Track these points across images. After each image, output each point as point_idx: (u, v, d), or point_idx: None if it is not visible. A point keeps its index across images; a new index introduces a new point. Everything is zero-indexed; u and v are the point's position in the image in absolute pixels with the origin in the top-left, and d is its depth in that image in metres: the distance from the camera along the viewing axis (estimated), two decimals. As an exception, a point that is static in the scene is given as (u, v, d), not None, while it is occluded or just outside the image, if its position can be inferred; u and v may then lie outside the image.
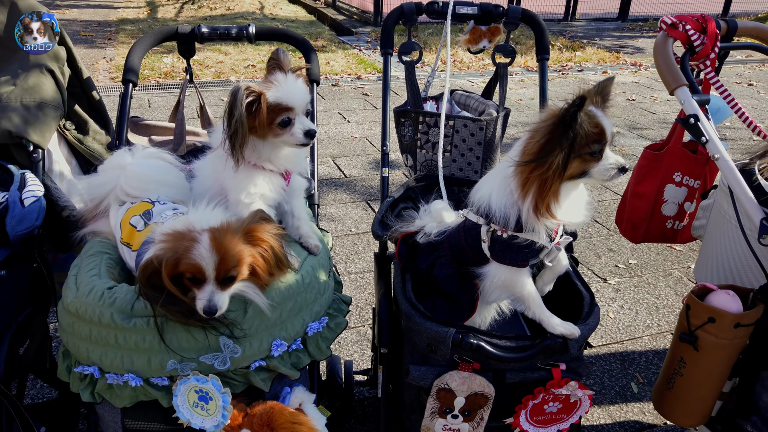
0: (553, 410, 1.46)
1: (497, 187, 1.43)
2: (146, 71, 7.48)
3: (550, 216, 1.35)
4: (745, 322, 1.43)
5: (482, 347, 1.34)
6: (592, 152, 1.34)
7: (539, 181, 1.31)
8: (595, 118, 1.35)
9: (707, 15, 1.75)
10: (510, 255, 1.40)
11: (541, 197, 1.31)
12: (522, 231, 1.37)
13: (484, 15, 2.02)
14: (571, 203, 1.40)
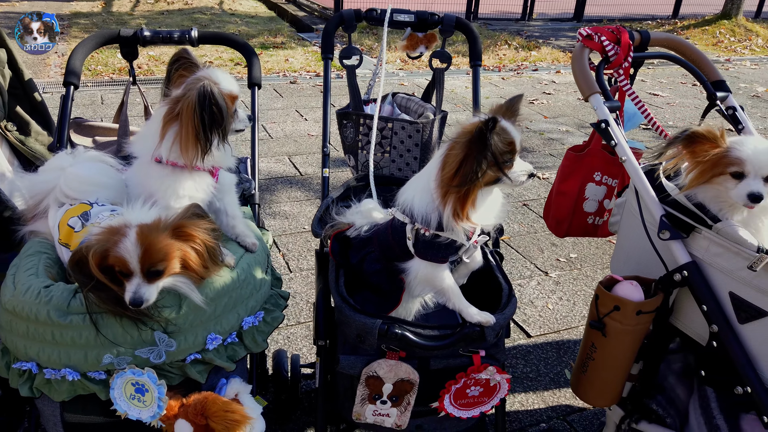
0: (475, 394, 1.57)
1: (420, 192, 1.53)
2: (99, 67, 7.36)
3: (467, 220, 1.46)
4: (646, 309, 1.57)
5: (406, 337, 1.44)
6: (504, 161, 1.46)
7: (459, 188, 1.41)
8: (506, 132, 1.46)
9: (621, 27, 1.89)
10: (432, 252, 1.51)
11: (460, 205, 1.42)
12: (443, 230, 1.48)
13: (420, 22, 2.12)
14: (487, 207, 1.52)
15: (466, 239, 1.51)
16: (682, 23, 13.09)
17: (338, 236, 1.75)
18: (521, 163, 1.46)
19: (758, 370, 1.43)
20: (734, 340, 1.45)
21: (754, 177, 1.41)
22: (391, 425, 1.57)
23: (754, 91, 8.40)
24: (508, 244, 3.86)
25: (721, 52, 11.04)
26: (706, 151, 1.47)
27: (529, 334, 2.96)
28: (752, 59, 10.63)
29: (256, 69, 2.05)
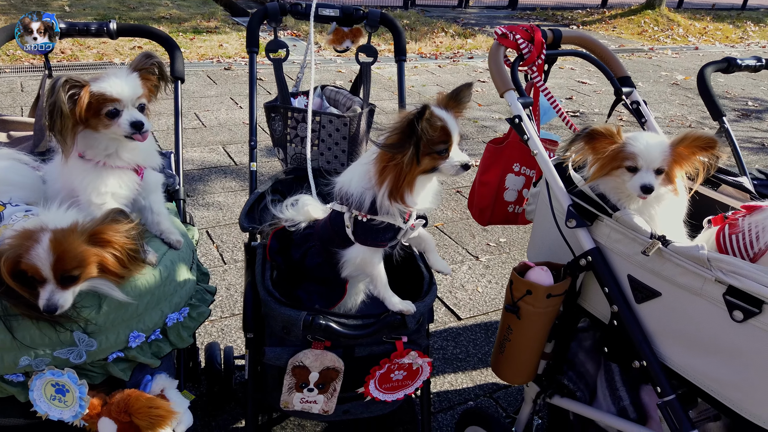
0: (399, 377, 1.65)
1: (358, 174, 1.58)
2: (18, 52, 6.96)
3: (402, 203, 1.52)
4: (555, 292, 1.69)
5: (331, 327, 1.49)
6: (439, 151, 1.52)
7: (395, 173, 1.47)
8: (442, 122, 1.52)
9: (535, 26, 1.98)
10: (371, 236, 1.56)
11: (397, 187, 1.48)
12: (377, 213, 1.53)
13: (345, 17, 2.15)
14: (424, 193, 1.58)
15: (403, 222, 1.58)
16: (610, 12, 13.61)
17: (278, 234, 1.78)
18: (458, 153, 1.52)
19: (653, 345, 1.57)
20: (632, 318, 1.59)
21: (646, 170, 1.53)
22: (318, 411, 1.62)
23: (674, 79, 8.87)
24: (442, 230, 3.97)
25: (645, 41, 11.58)
26: (605, 146, 1.58)
27: (459, 317, 3.08)
28: (674, 48, 11.20)
29: (178, 62, 2.03)
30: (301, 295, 1.70)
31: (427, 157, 1.47)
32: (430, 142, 1.49)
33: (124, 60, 7.17)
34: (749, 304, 1.34)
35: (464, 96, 1.55)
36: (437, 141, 1.50)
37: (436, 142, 1.50)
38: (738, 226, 1.51)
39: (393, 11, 11.84)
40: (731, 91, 8.30)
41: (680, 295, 1.48)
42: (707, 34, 12.80)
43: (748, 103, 7.77)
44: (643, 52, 10.65)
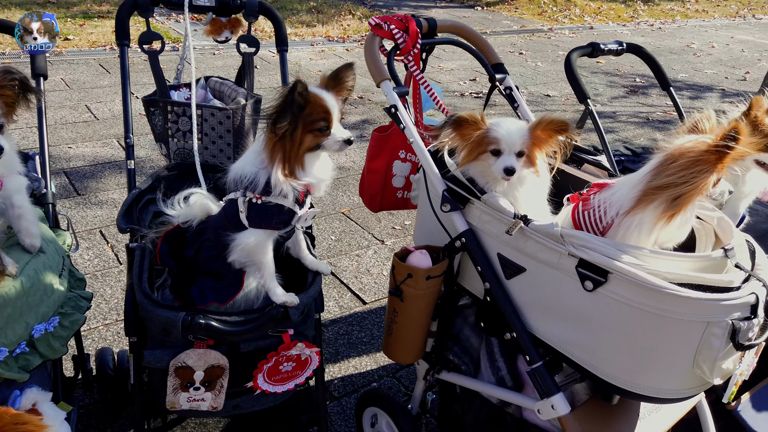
0: (289, 369, 1.68)
1: (251, 159, 1.61)
2: None
3: (295, 179, 1.56)
4: (434, 274, 1.77)
5: (211, 325, 1.49)
6: (320, 128, 1.56)
7: (283, 151, 1.50)
8: (321, 100, 1.56)
9: (409, 15, 2.03)
10: (265, 219, 1.58)
11: (287, 163, 1.51)
12: (271, 194, 1.55)
13: (221, 7, 2.11)
14: (316, 169, 1.63)
15: (298, 206, 1.59)
16: (505, -6, 14.04)
17: (168, 237, 1.75)
18: (340, 130, 1.56)
19: (522, 317, 1.69)
20: (502, 293, 1.69)
21: (509, 153, 1.62)
22: (207, 408, 1.63)
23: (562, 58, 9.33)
24: (348, 216, 4.02)
25: (545, 21, 12.06)
26: (471, 133, 1.66)
27: (365, 301, 3.15)
28: (571, 28, 11.73)
29: (39, 59, 1.92)
30: (194, 293, 1.68)
31: (310, 135, 1.53)
32: (311, 119, 1.53)
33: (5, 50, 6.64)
34: (597, 274, 1.46)
35: (344, 76, 1.61)
36: (317, 118, 1.55)
37: (317, 120, 1.55)
38: (590, 203, 1.64)
39: (300, -7, 11.63)
40: (621, 68, 8.84)
41: (541, 270, 1.59)
42: (601, 14, 13.50)
43: (636, 79, 8.31)
44: (542, 33, 11.09)
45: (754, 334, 1.45)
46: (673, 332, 1.42)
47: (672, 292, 1.37)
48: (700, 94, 7.73)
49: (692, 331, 1.41)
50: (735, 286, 1.43)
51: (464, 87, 7.26)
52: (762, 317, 1.47)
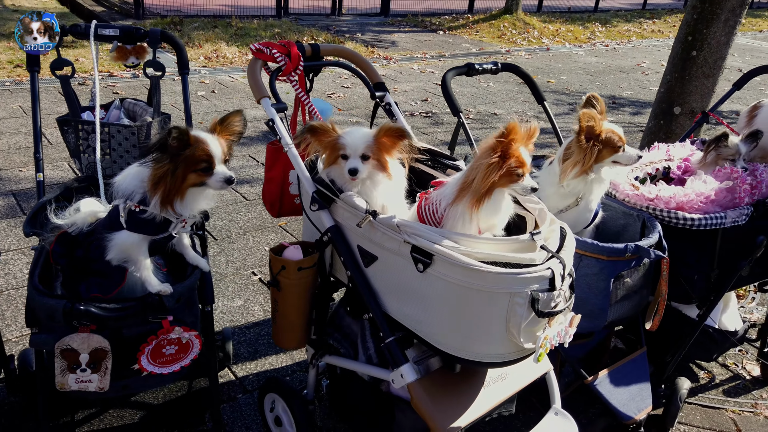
0: (172, 352, 1.89)
1: (132, 173, 1.85)
2: None
3: (173, 211, 1.81)
4: (304, 265, 2.00)
5: (90, 311, 1.71)
6: (203, 169, 1.81)
7: (165, 186, 1.76)
8: (204, 143, 1.81)
9: (291, 41, 2.29)
10: (141, 226, 1.81)
11: (167, 198, 1.77)
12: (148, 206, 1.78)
13: (125, 36, 2.36)
14: (196, 203, 1.89)
15: (175, 217, 1.83)
16: (474, 17, 14.55)
17: (61, 238, 1.97)
18: (223, 170, 1.83)
19: (379, 300, 1.92)
20: (361, 280, 1.93)
21: (354, 157, 1.87)
22: (95, 389, 1.83)
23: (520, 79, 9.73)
24: (285, 229, 4.25)
25: (504, 44, 12.52)
26: (326, 140, 1.91)
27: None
28: (528, 50, 12.20)
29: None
30: (81, 289, 1.90)
31: (193, 174, 1.77)
32: (193, 160, 1.77)
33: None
34: (425, 257, 1.71)
35: (231, 121, 1.87)
36: (200, 159, 1.79)
37: (199, 161, 1.79)
38: (430, 198, 1.90)
39: (266, 20, 11.98)
40: (569, 87, 9.25)
41: (389, 257, 1.84)
42: (559, 36, 14.03)
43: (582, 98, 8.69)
44: (500, 54, 11.52)
45: (556, 304, 1.70)
46: (486, 303, 1.67)
47: (479, 268, 1.62)
48: (641, 110, 8.12)
49: (500, 301, 1.65)
50: (536, 263, 1.69)
51: (415, 107, 7.58)
52: (565, 290, 1.73)
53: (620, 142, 2.29)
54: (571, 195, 2.37)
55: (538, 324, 1.71)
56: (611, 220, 2.58)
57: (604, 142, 2.28)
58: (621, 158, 2.30)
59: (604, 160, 2.30)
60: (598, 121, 2.30)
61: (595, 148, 2.28)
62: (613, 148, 2.29)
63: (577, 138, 2.31)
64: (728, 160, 2.57)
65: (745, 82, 3.02)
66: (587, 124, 2.28)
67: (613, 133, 2.29)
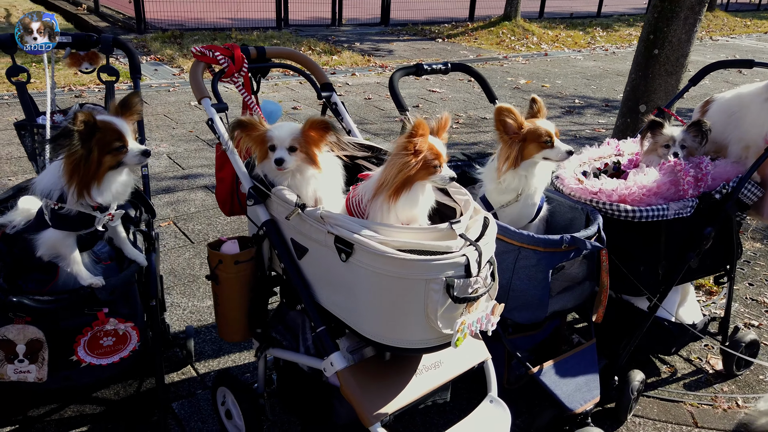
0: (110, 343, 1.95)
1: (51, 171, 1.90)
2: None
3: (90, 197, 1.85)
4: (241, 259, 2.06)
5: (23, 303, 1.78)
6: (117, 148, 1.86)
7: (79, 174, 1.81)
8: (112, 124, 1.88)
9: (235, 44, 2.36)
10: (63, 222, 1.87)
11: (83, 184, 1.81)
12: (67, 204, 1.84)
13: (77, 43, 2.45)
14: (114, 188, 1.92)
15: (98, 212, 1.89)
16: (473, 25, 14.63)
17: (3, 236, 2.04)
18: (136, 146, 1.89)
19: (312, 291, 1.97)
20: (294, 271, 1.98)
21: (281, 148, 1.92)
22: (33, 380, 1.89)
23: (516, 83, 9.77)
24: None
25: (502, 50, 12.56)
26: (254, 133, 1.97)
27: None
28: (526, 55, 12.24)
29: None
30: (20, 283, 1.97)
31: (108, 155, 1.82)
32: (105, 142, 1.83)
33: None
34: (347, 247, 1.76)
35: (131, 103, 1.91)
36: (112, 140, 1.84)
37: (111, 141, 1.84)
38: (357, 191, 1.95)
39: (266, 32, 12.16)
40: (564, 92, 9.27)
41: (317, 248, 1.89)
42: (559, 41, 14.06)
43: (575, 100, 8.72)
44: (497, 61, 11.57)
45: (473, 290, 1.74)
46: (404, 290, 1.71)
47: (393, 255, 1.67)
48: (633, 112, 8.11)
49: (416, 287, 1.69)
50: (453, 250, 1.73)
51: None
52: (484, 277, 1.77)
53: (547, 137, 2.33)
54: (509, 191, 2.41)
55: (456, 310, 1.75)
56: (559, 214, 2.60)
57: (527, 137, 2.33)
58: (550, 154, 2.34)
59: (533, 155, 2.34)
60: (518, 116, 2.36)
61: (516, 144, 2.33)
62: (540, 144, 2.33)
63: (498, 134, 2.37)
64: (664, 147, 2.59)
65: (701, 79, 3.04)
66: (500, 119, 2.34)
67: (539, 129, 2.33)
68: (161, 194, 4.84)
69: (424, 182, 1.84)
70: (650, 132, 2.64)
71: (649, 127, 2.65)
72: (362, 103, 8.11)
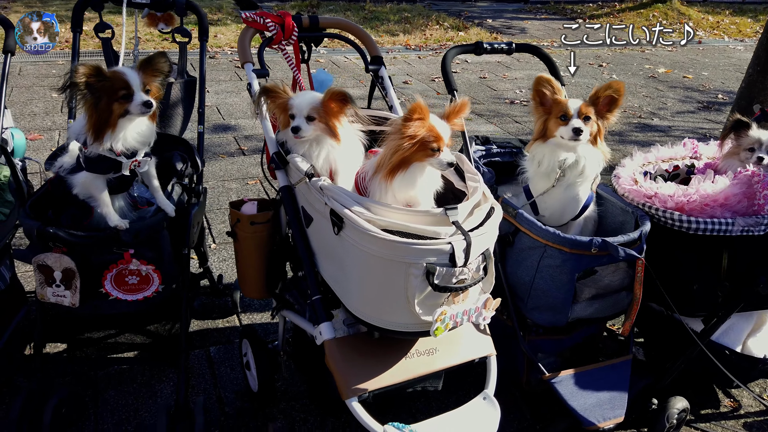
0: (135, 282, 2.13)
1: (81, 117, 2.07)
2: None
3: (102, 143, 1.99)
4: (257, 220, 2.14)
5: (58, 234, 1.99)
6: (123, 96, 1.97)
7: (92, 119, 1.97)
8: (122, 75, 1.98)
9: (287, 12, 2.40)
10: (91, 165, 2.05)
11: (98, 130, 1.97)
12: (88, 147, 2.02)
13: (155, 4, 2.64)
14: (128, 134, 2.04)
15: (124, 158, 2.05)
16: (620, 6, 13.53)
17: (53, 180, 2.28)
18: (141, 96, 1.99)
19: (314, 261, 2.00)
20: (300, 238, 2.02)
21: (299, 117, 1.92)
22: (68, 304, 2.12)
23: (654, 72, 8.93)
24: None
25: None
26: (278, 100, 2.00)
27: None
28: (674, 42, 11.13)
29: (10, 38, 2.52)
30: (62, 218, 2.21)
31: (116, 103, 1.95)
32: (113, 90, 1.94)
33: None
34: (339, 220, 1.76)
35: (157, 61, 2.04)
36: (118, 88, 1.96)
37: (117, 90, 1.95)
38: (363, 168, 1.92)
39: (399, 5, 12.20)
40: (707, 84, 8.33)
41: (319, 218, 1.91)
42: (720, 28, 12.61)
43: (719, 95, 7.81)
44: (638, 46, 10.64)
45: (458, 280, 1.66)
46: (386, 270, 1.68)
47: (375, 234, 1.64)
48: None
49: (398, 269, 1.65)
50: (440, 237, 1.65)
51: (518, 95, 7.34)
52: (474, 269, 1.68)
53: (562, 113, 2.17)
54: (544, 175, 2.25)
55: (438, 298, 1.68)
56: (611, 215, 2.38)
57: (552, 110, 2.22)
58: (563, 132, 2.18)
59: (554, 132, 2.19)
60: (558, 88, 2.25)
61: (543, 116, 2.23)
62: (557, 121, 2.18)
63: (534, 104, 2.23)
64: (747, 150, 2.24)
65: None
66: (538, 89, 2.26)
67: (561, 104, 2.21)
68: (255, 154, 5.10)
69: (423, 164, 1.77)
70: (734, 133, 2.30)
71: (733, 127, 2.31)
72: (476, 81, 7.90)
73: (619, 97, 2.16)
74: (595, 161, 2.22)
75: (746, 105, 3.49)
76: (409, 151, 1.71)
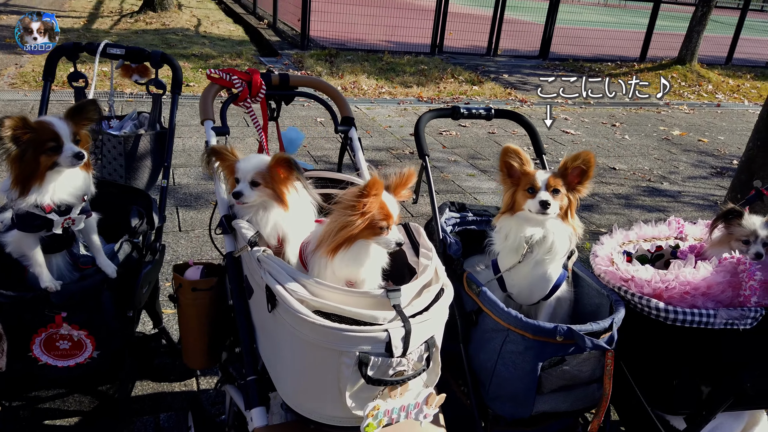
0: (66, 347, 2.00)
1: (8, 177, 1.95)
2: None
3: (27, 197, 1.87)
4: (199, 287, 2.01)
5: (-15, 295, 1.88)
6: (52, 148, 1.86)
7: (16, 173, 1.86)
8: (50, 125, 1.88)
9: (255, 69, 2.34)
10: (21, 223, 1.94)
11: (23, 184, 1.87)
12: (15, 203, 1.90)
13: (129, 55, 2.60)
14: (58, 188, 1.92)
15: (55, 214, 1.94)
16: (639, 66, 13.53)
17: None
18: (71, 147, 1.88)
19: (254, 335, 1.85)
20: (240, 311, 1.87)
21: (243, 182, 1.82)
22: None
23: (668, 134, 8.78)
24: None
25: (666, 97, 11.43)
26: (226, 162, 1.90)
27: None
28: (691, 104, 11.02)
29: None
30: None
31: (44, 156, 1.85)
32: (39, 142, 1.85)
33: (131, 91, 7.97)
34: (272, 296, 1.61)
35: (85, 109, 1.96)
36: (46, 140, 1.86)
37: (45, 141, 1.86)
38: (307, 239, 1.79)
39: (417, 57, 12.33)
40: (722, 149, 8.15)
41: (259, 291, 1.76)
42: (740, 92, 12.48)
43: (733, 161, 7.60)
44: (655, 107, 10.56)
45: (395, 372, 1.49)
46: (318, 357, 1.53)
47: (305, 317, 1.49)
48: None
49: (330, 358, 1.49)
50: (377, 323, 1.50)
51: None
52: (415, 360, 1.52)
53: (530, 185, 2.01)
54: (511, 250, 2.09)
55: (372, 391, 1.51)
56: (587, 297, 2.20)
57: (520, 182, 2.12)
58: (530, 205, 2.05)
59: (522, 205, 2.06)
60: (525, 159, 2.17)
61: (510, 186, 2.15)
62: (525, 193, 2.05)
63: (501, 176, 2.12)
64: (741, 242, 2.06)
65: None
66: (505, 160, 2.20)
67: (529, 175, 2.11)
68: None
69: (368, 242, 1.63)
70: (724, 222, 2.12)
71: (724, 216, 2.13)
72: (484, 136, 7.84)
73: (588, 169, 2.02)
74: (566, 237, 2.06)
75: (746, 180, 3.31)
76: (357, 229, 1.58)
